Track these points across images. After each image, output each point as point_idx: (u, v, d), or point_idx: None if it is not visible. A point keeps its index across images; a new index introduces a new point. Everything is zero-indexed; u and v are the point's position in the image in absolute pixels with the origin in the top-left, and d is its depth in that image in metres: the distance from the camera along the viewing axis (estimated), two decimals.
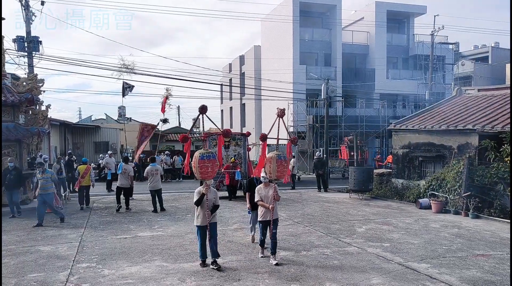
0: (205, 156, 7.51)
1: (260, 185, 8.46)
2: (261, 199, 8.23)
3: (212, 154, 7.61)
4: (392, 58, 38.56)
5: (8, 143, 14.33)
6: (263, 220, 8.26)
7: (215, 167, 7.61)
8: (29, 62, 20.33)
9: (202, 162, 7.48)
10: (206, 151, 7.67)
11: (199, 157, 7.49)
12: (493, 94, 17.89)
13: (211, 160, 7.55)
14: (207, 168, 7.49)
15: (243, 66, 45.68)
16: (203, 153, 7.55)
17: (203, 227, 7.74)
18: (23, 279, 7.24)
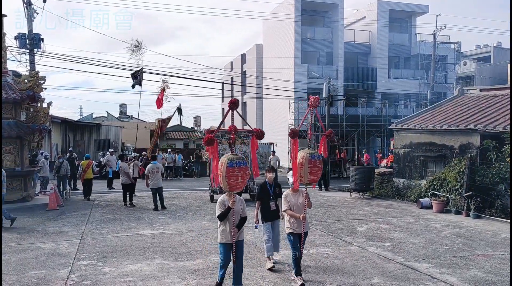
0: (235, 163, 6.06)
1: (288, 191, 7.23)
2: (289, 208, 7.00)
3: (243, 160, 6.20)
4: (394, 58, 38.46)
5: (10, 140, 14.34)
6: (294, 233, 6.95)
7: (246, 176, 6.21)
8: (30, 59, 20.31)
9: (231, 171, 6.02)
10: (235, 156, 6.23)
11: (227, 164, 6.04)
12: (494, 94, 17.84)
13: (242, 167, 6.11)
14: (236, 177, 6.06)
15: (244, 65, 45.62)
16: (232, 159, 6.10)
17: (228, 245, 6.26)
18: (24, 276, 7.25)
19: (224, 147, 14.55)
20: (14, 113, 14.76)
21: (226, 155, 6.28)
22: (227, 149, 14.07)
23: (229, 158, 6.13)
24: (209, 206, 14.59)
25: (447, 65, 38.04)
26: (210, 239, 9.81)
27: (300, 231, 6.90)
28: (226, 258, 6.25)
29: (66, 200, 15.72)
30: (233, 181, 6.05)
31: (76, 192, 18.63)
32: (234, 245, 6.19)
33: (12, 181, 14.56)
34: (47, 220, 12.17)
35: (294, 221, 6.92)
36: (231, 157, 6.15)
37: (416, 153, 16.87)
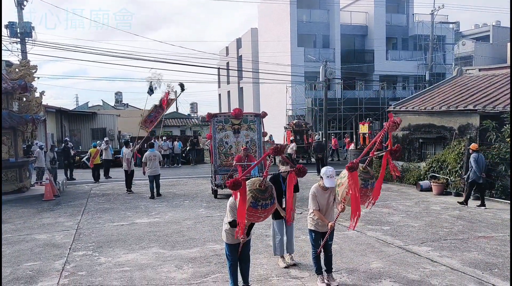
0: (261, 205, 5.00)
1: (317, 187, 6.11)
2: (318, 208, 6.08)
3: (271, 201, 5.09)
4: (392, 39, 38.07)
5: (3, 131, 14.12)
6: (317, 230, 6.22)
7: (269, 214, 5.36)
8: (22, 48, 19.97)
9: (254, 212, 5.04)
10: (263, 193, 5.01)
11: (251, 203, 4.95)
12: (494, 73, 17.61)
13: (268, 209, 5.13)
14: (258, 218, 5.20)
15: (240, 49, 45.19)
16: (258, 198, 4.97)
17: (235, 246, 5.72)
18: (19, 268, 7.15)
19: (228, 133, 13.38)
20: (6, 103, 14.51)
21: (252, 186, 5.04)
22: (231, 135, 13.33)
23: (255, 197, 4.96)
24: (206, 194, 14.47)
25: (446, 45, 37.68)
26: (207, 227, 9.71)
27: (325, 230, 6.12)
28: (234, 258, 5.76)
29: (62, 191, 15.58)
30: (252, 219, 5.25)
31: (73, 182, 18.50)
32: (241, 245, 5.65)
33: (7, 172, 14.41)
34: (42, 211, 12.04)
35: (321, 222, 6.13)
36: (257, 196, 4.97)
37: (415, 135, 16.71)
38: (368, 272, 6.63)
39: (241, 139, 13.47)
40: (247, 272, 5.92)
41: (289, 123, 26.22)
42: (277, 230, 7.02)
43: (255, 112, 14.82)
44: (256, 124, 13.70)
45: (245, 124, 13.53)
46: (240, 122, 13.47)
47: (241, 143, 13.33)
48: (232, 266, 5.76)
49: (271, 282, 6.30)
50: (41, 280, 6.58)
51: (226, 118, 13.50)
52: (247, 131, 13.53)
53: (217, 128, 13.33)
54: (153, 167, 14.08)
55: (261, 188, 5.04)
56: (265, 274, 6.65)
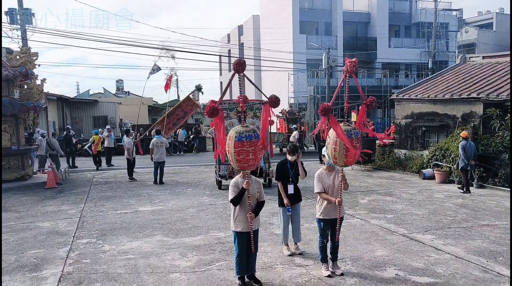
0: (244, 137, 5.20)
1: (321, 170, 6.17)
2: (323, 190, 6.05)
3: (254, 133, 5.31)
4: (394, 26, 37.77)
5: (4, 118, 14.07)
6: (327, 218, 6.07)
7: (258, 152, 5.33)
8: (22, 35, 19.82)
9: (240, 146, 5.18)
10: (245, 128, 5.35)
11: (235, 138, 5.20)
12: (498, 61, 17.47)
13: (253, 142, 5.22)
14: (247, 153, 5.21)
15: (241, 37, 44.90)
16: (241, 132, 5.25)
17: (244, 234, 5.59)
18: (23, 256, 7.15)
19: (233, 121, 12.84)
20: (7, 91, 14.44)
21: (234, 128, 5.41)
22: (236, 123, 12.46)
23: (238, 131, 5.28)
24: (209, 182, 14.46)
25: (449, 33, 37.37)
26: (211, 215, 9.71)
27: (334, 216, 5.97)
28: (242, 248, 5.59)
29: (64, 178, 15.59)
30: (243, 158, 5.23)
31: (75, 170, 18.51)
32: (252, 233, 5.53)
33: (9, 160, 14.41)
34: (45, 199, 12.05)
35: (328, 205, 5.98)
36: (240, 130, 5.29)
37: (418, 124, 16.64)
38: (373, 260, 6.63)
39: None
40: (254, 261, 5.89)
41: (282, 111, 26.12)
42: (283, 218, 7.01)
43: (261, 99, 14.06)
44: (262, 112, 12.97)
45: (251, 111, 12.97)
46: (245, 110, 12.92)
47: None
48: (239, 255, 5.65)
49: (275, 270, 6.30)
50: (46, 267, 6.58)
51: (231, 105, 12.93)
52: (253, 119, 12.98)
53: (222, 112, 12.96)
54: (159, 154, 14.21)
55: (243, 125, 5.40)
56: (270, 262, 6.65)
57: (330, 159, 5.82)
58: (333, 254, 6.20)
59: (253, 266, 5.85)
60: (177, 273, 6.25)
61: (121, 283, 5.90)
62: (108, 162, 19.70)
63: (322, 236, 6.14)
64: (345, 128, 5.58)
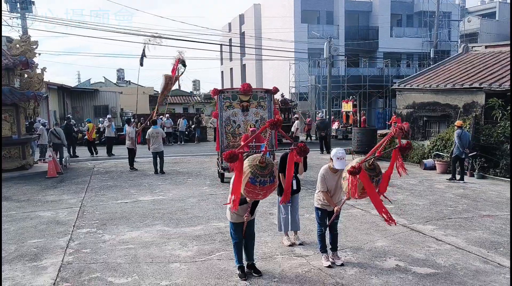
0: (259, 182, 4.88)
1: (327, 169, 6.00)
2: (326, 190, 5.98)
3: (270, 178, 4.94)
4: (396, 15, 37.46)
5: (5, 107, 14.03)
6: (324, 209, 6.14)
7: (269, 193, 5.13)
8: (22, 24, 19.69)
9: (252, 188, 4.94)
10: (263, 170, 4.89)
11: (249, 179, 4.87)
12: (500, 50, 17.31)
13: (266, 187, 4.95)
14: (256, 195, 5.06)
15: (243, 26, 44.58)
16: (257, 175, 4.87)
17: (240, 224, 5.70)
18: (23, 245, 7.16)
19: (236, 111, 12.27)
20: (7, 80, 14.38)
21: (251, 163, 4.93)
22: (239, 113, 12.22)
23: (254, 173, 4.85)
24: (210, 172, 14.45)
25: (451, 22, 37.07)
26: (211, 205, 9.71)
27: (331, 209, 6.05)
28: (239, 236, 5.71)
29: (65, 168, 15.59)
30: (251, 196, 5.13)
31: (76, 159, 18.49)
32: (245, 223, 5.64)
33: (10, 149, 14.41)
34: (46, 188, 12.05)
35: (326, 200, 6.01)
36: (256, 172, 4.86)
37: (419, 114, 16.57)
38: (373, 250, 6.63)
39: (250, 118, 12.32)
40: (252, 249, 5.92)
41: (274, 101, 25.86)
42: (282, 208, 6.98)
43: (265, 88, 13.16)
44: (266, 101, 12.51)
45: (254, 101, 12.36)
46: (249, 99, 12.30)
47: (250, 122, 12.22)
48: (236, 244, 5.75)
49: (275, 260, 6.30)
50: (46, 257, 6.59)
51: (234, 94, 12.32)
52: (256, 108, 12.39)
53: (224, 105, 12.17)
54: (156, 144, 14.19)
55: (261, 164, 4.91)
56: (270, 252, 6.65)
57: (344, 194, 5.83)
58: (333, 244, 6.20)
59: (251, 255, 5.87)
60: (177, 263, 6.26)
61: (121, 273, 5.90)
62: (109, 151, 19.68)
63: (320, 224, 6.17)
64: (368, 174, 5.37)
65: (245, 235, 5.76)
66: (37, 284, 5.62)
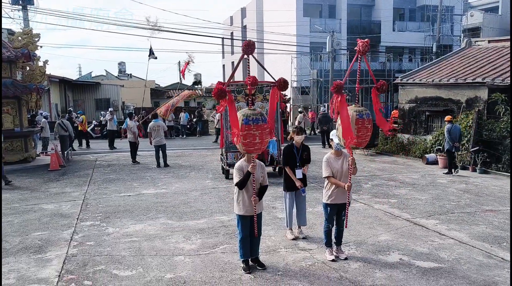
0: (251, 120, 5.18)
1: (330, 155, 6.10)
2: (332, 174, 5.98)
3: (261, 117, 5.28)
4: (399, 9, 37.30)
5: (7, 100, 14.02)
6: (334, 203, 6.02)
7: (265, 136, 5.30)
8: (24, 16, 19.63)
9: (247, 129, 5.16)
10: (252, 111, 5.32)
11: (242, 121, 5.18)
12: (504, 45, 17.25)
13: (260, 125, 5.20)
14: (253, 137, 5.19)
15: (244, 19, 44.42)
16: (248, 115, 5.22)
17: (248, 218, 5.63)
18: (27, 238, 7.19)
19: (241, 105, 11.76)
20: (10, 72, 14.35)
21: (242, 111, 5.38)
22: (244, 107, 11.49)
23: (245, 114, 5.22)
24: (212, 165, 14.47)
25: (454, 16, 36.87)
26: (214, 198, 9.73)
27: (342, 201, 5.96)
28: (246, 231, 5.64)
29: (68, 160, 15.61)
30: (249, 142, 5.21)
31: (78, 152, 18.50)
32: (256, 217, 5.58)
33: (12, 142, 14.42)
34: (49, 181, 12.07)
35: (336, 190, 5.94)
36: (247, 113, 5.24)
37: (422, 108, 16.55)
38: (377, 244, 6.64)
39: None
40: (258, 244, 5.91)
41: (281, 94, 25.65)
42: (288, 202, 6.98)
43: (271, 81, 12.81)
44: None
45: (260, 94, 12.01)
46: (254, 92, 12.33)
47: None
48: (243, 239, 5.69)
49: (279, 254, 6.32)
50: (50, 249, 6.62)
51: (239, 87, 12.04)
52: (262, 102, 12.00)
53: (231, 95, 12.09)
54: (158, 137, 14.21)
55: (250, 108, 5.38)
56: (273, 245, 6.67)
57: (340, 141, 5.77)
58: (338, 239, 6.21)
59: (257, 249, 5.88)
60: (181, 256, 6.28)
61: (125, 266, 5.92)
62: (111, 145, 19.70)
63: (328, 221, 6.13)
64: (356, 109, 5.64)
65: (257, 231, 5.68)
66: (42, 276, 5.65)
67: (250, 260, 5.81)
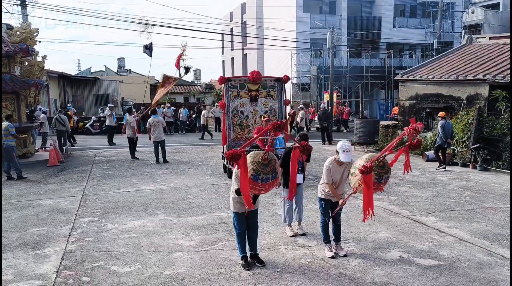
0: (261, 179, 4.92)
1: (333, 162, 6.03)
2: (331, 182, 5.98)
3: (272, 174, 4.96)
4: (399, 6, 37.17)
5: (5, 95, 13.94)
6: (328, 199, 6.13)
7: (271, 188, 5.20)
8: (22, 11, 19.52)
9: (254, 184, 4.98)
10: (265, 167, 4.92)
11: (251, 176, 4.90)
12: (505, 42, 17.17)
13: (269, 183, 5.02)
14: (258, 191, 5.15)
15: (244, 15, 44.26)
16: (259, 172, 4.90)
17: (242, 214, 5.71)
18: (26, 233, 7.16)
19: (244, 101, 11.51)
20: (8, 67, 14.27)
21: (254, 158, 4.95)
22: (247, 104, 11.52)
23: (256, 170, 4.88)
24: (211, 162, 14.43)
25: (455, 13, 36.75)
26: (213, 195, 9.69)
27: (335, 200, 6.07)
28: (242, 226, 5.73)
29: (67, 155, 15.57)
30: (254, 192, 5.16)
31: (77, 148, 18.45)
32: (247, 214, 5.67)
33: None
34: (47, 177, 12.03)
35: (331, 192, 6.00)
36: (258, 169, 4.88)
37: (422, 105, 16.48)
38: (376, 241, 6.62)
39: (259, 108, 11.60)
40: (255, 240, 5.91)
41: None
42: (287, 200, 6.92)
43: (275, 76, 12.22)
44: (276, 91, 11.68)
45: (263, 90, 11.53)
46: (258, 88, 11.49)
47: (258, 113, 11.58)
48: (239, 234, 5.76)
49: (278, 250, 6.29)
50: (48, 245, 6.59)
51: (242, 82, 11.49)
52: (266, 98, 11.60)
53: (231, 95, 11.40)
54: (157, 133, 14.19)
55: (263, 161, 4.94)
56: (273, 242, 6.64)
57: (351, 189, 5.70)
58: (336, 235, 6.19)
59: (254, 245, 5.87)
60: (180, 252, 6.25)
61: (124, 262, 5.90)
62: (110, 140, 19.64)
63: (324, 215, 6.17)
64: (378, 171, 5.30)
65: (248, 225, 5.76)
66: (40, 272, 5.62)
67: (250, 257, 5.79)
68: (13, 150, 11.81)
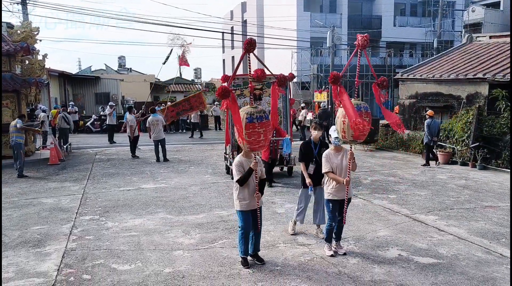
0: (255, 118, 5.11)
1: (330, 150, 6.12)
2: (331, 170, 5.98)
3: (264, 114, 5.23)
4: (400, 4, 37.16)
5: (6, 94, 13.98)
6: (335, 199, 6.01)
7: (269, 133, 5.28)
8: (23, 9, 19.54)
9: (251, 127, 5.09)
10: (255, 108, 5.24)
11: (246, 120, 5.10)
12: (505, 41, 17.18)
13: (264, 122, 5.17)
14: (258, 135, 5.15)
15: (245, 14, 44.25)
16: (252, 113, 5.15)
17: (250, 213, 5.57)
18: (27, 232, 7.19)
19: (247, 100, 11.02)
20: (9, 66, 14.31)
21: (244, 109, 5.27)
22: (264, 102, 11.44)
23: (248, 112, 5.14)
24: (212, 160, 14.46)
25: (455, 11, 36.74)
26: (213, 193, 9.72)
27: (342, 197, 5.94)
28: (248, 227, 5.59)
29: (68, 154, 15.61)
30: (254, 140, 5.15)
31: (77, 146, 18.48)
32: (259, 211, 5.54)
33: None
34: (48, 175, 12.07)
35: (336, 185, 5.92)
36: (250, 111, 5.16)
37: (422, 104, 16.50)
38: (375, 240, 6.64)
39: (263, 107, 11.25)
40: (258, 240, 5.87)
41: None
42: (302, 198, 6.93)
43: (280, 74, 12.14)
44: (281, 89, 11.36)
45: (268, 89, 11.11)
46: (262, 87, 11.30)
47: None
48: (243, 234, 5.63)
49: (278, 249, 6.32)
50: (49, 243, 6.61)
51: (246, 81, 10.91)
52: (270, 97, 10.70)
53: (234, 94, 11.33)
54: (157, 132, 14.23)
55: (252, 106, 5.31)
56: (272, 240, 6.67)
57: (339, 134, 5.76)
58: (337, 234, 6.20)
59: (257, 246, 5.84)
60: (180, 250, 6.28)
61: (124, 260, 5.92)
62: (110, 139, 19.69)
63: (332, 219, 6.06)
64: (354, 102, 5.56)
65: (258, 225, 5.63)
66: (41, 270, 5.65)
67: (250, 255, 5.81)
68: (20, 147, 11.90)
